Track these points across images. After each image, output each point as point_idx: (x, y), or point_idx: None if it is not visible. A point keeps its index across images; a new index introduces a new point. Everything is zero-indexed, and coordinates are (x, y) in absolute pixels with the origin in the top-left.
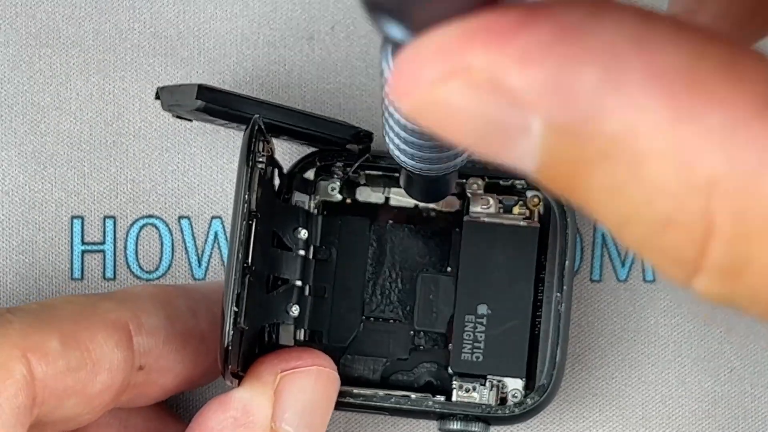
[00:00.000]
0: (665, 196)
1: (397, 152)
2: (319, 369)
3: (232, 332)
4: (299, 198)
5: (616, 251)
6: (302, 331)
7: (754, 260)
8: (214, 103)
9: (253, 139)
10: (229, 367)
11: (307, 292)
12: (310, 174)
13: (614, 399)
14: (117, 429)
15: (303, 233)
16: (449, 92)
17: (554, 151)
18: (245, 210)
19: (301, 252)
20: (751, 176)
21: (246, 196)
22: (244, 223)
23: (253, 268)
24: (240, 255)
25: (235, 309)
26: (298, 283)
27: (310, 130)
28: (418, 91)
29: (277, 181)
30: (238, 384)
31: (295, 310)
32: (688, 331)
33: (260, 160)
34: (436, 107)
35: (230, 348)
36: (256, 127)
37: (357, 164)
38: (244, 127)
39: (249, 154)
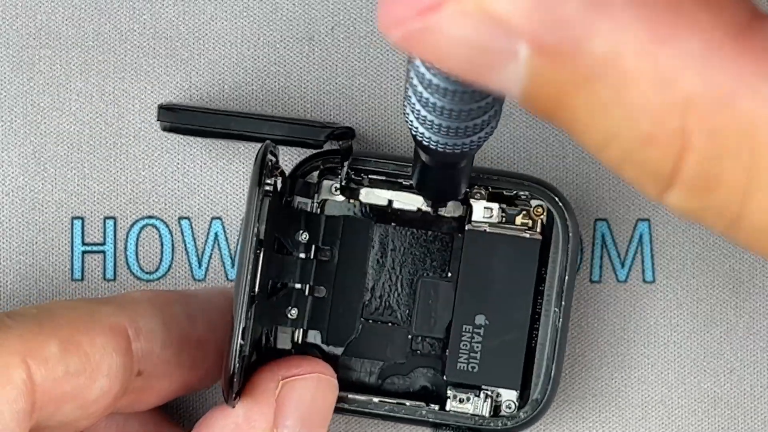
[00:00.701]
0: (646, 114)
1: (416, 124)
2: (319, 376)
3: (238, 364)
4: (301, 200)
5: (615, 252)
6: (300, 331)
7: (723, 176)
8: (178, 122)
9: (264, 170)
10: (233, 394)
11: (306, 293)
12: (312, 176)
13: (614, 399)
14: None
15: (304, 236)
16: (439, 19)
17: (540, 75)
18: (254, 242)
19: (302, 255)
20: (725, 97)
21: (256, 229)
22: (252, 255)
23: (259, 292)
24: (247, 287)
25: (241, 342)
26: (298, 285)
27: (283, 137)
28: (409, 20)
29: (279, 185)
30: (239, 395)
31: (293, 313)
32: (688, 332)
33: (269, 183)
34: (427, 35)
35: (235, 378)
36: (268, 156)
37: (345, 167)
38: (225, 139)
39: (260, 185)
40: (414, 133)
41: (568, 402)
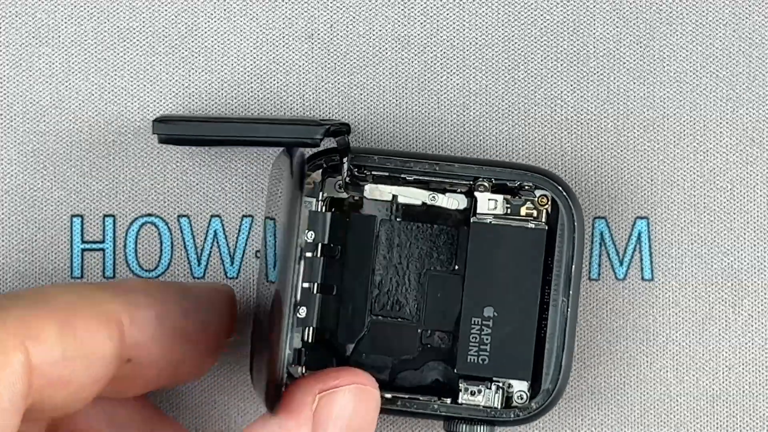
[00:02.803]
0: None
1: None
2: (359, 387)
3: (286, 374)
4: (305, 200)
5: (614, 250)
6: (310, 329)
7: None
8: (173, 134)
9: (304, 177)
10: (277, 403)
11: (314, 291)
12: (316, 175)
13: (612, 397)
14: (103, 419)
15: (310, 235)
16: None
17: None
18: (297, 254)
19: (308, 254)
20: None
21: (297, 240)
22: (297, 266)
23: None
24: (293, 300)
25: (289, 351)
26: (305, 284)
27: (279, 139)
28: None
29: None
30: (273, 408)
31: (302, 312)
32: (686, 329)
33: (307, 196)
34: None
35: (283, 388)
36: (305, 165)
37: (345, 163)
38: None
39: (300, 199)
40: None
41: (567, 400)
